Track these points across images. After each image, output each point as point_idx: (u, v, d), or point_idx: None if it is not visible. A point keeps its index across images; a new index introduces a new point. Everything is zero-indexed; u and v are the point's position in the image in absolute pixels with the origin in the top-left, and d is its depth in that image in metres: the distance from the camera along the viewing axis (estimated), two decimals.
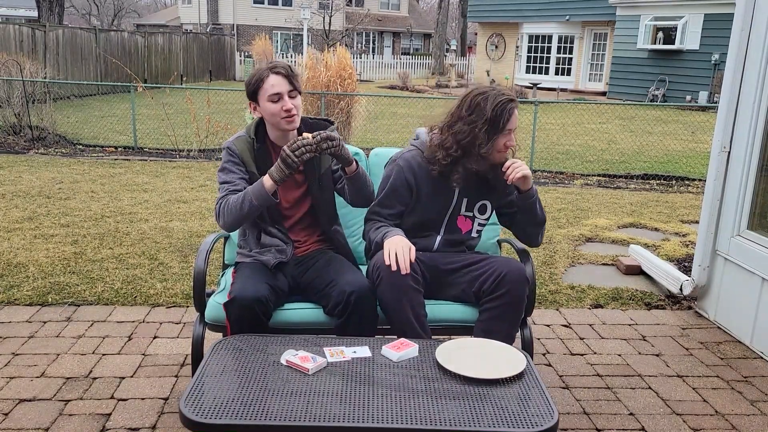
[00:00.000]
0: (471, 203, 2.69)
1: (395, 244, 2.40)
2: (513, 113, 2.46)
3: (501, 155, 2.51)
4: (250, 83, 2.54)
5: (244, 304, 2.33)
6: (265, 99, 2.50)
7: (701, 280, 3.93)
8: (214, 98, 10.78)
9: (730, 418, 2.80)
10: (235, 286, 2.43)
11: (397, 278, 2.37)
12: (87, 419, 2.61)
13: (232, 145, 2.61)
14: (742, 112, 3.65)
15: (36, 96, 10.22)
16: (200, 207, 6.09)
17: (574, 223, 5.96)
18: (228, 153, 2.61)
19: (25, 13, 37.28)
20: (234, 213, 2.48)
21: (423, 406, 1.80)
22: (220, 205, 2.53)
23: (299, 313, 2.55)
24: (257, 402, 1.80)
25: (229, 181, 2.57)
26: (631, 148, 10.96)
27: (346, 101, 9.73)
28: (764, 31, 3.49)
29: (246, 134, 2.64)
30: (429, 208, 2.65)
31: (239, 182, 2.56)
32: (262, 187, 2.44)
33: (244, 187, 2.54)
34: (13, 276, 4.12)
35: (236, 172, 2.58)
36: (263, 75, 2.50)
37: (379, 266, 2.42)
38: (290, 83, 2.50)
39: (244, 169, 2.60)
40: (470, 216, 2.72)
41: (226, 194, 2.54)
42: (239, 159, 2.60)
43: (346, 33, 32.43)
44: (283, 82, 2.49)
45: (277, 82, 2.48)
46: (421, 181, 2.60)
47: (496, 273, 2.48)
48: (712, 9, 18.64)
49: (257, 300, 2.34)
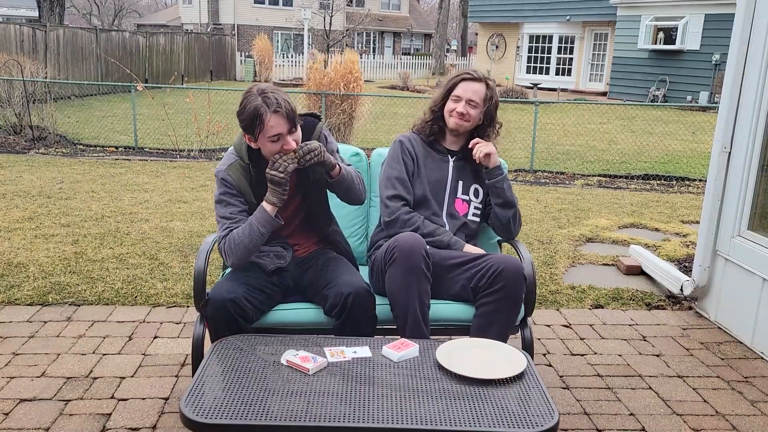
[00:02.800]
0: (466, 186, 2.87)
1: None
2: (460, 84, 2.79)
3: (453, 120, 2.80)
4: (247, 119, 2.36)
5: (216, 305, 2.34)
6: (265, 139, 2.37)
7: (702, 280, 3.93)
8: (214, 98, 10.78)
9: (730, 418, 2.80)
10: (214, 288, 2.43)
11: (412, 260, 2.43)
12: (87, 419, 2.61)
13: (227, 176, 2.49)
14: (743, 113, 3.65)
15: (37, 96, 10.22)
16: (201, 207, 6.09)
17: (575, 223, 5.95)
18: (223, 184, 2.50)
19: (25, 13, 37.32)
20: (242, 248, 2.43)
21: (423, 406, 1.80)
22: (226, 243, 2.44)
23: (299, 314, 2.55)
24: (258, 402, 1.80)
25: (228, 217, 2.48)
26: (631, 148, 10.96)
27: (349, 103, 9.72)
28: (765, 31, 3.48)
29: (238, 158, 2.52)
30: (430, 179, 2.85)
31: (239, 216, 2.48)
32: (265, 213, 2.41)
33: (244, 220, 2.47)
34: (14, 276, 4.12)
35: (235, 205, 2.49)
36: (262, 114, 2.32)
37: (394, 246, 2.47)
38: (290, 121, 2.36)
39: (243, 200, 2.51)
40: (467, 200, 2.87)
41: (228, 232, 2.45)
42: (237, 190, 2.50)
43: (347, 33, 32.43)
44: (283, 122, 2.34)
45: (277, 123, 2.34)
46: (418, 152, 2.87)
47: (493, 268, 2.50)
48: (713, 9, 18.63)
49: (230, 301, 2.33)
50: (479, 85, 2.79)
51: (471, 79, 2.80)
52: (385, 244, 2.61)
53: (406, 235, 2.51)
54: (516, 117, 14.87)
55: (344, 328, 2.41)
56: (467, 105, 2.77)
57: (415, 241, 2.47)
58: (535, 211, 6.37)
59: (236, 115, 2.42)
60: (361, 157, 3.12)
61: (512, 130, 12.26)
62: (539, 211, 6.41)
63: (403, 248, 2.45)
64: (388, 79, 29.17)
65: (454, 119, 2.80)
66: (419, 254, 2.45)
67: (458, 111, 2.78)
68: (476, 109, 2.79)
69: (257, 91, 2.38)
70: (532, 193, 7.36)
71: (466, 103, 2.77)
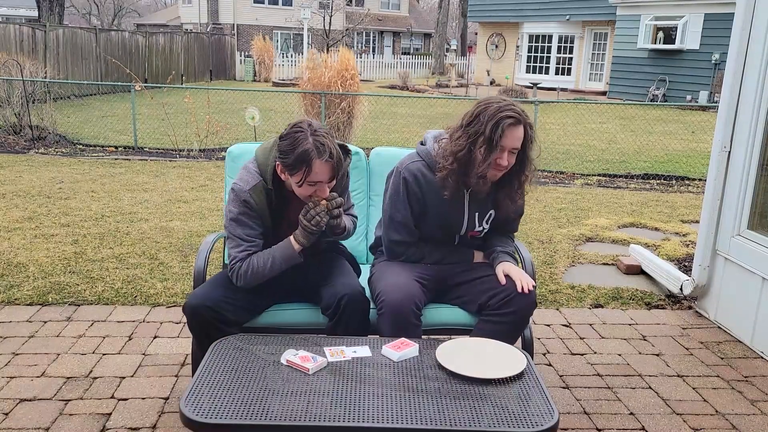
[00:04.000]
0: (481, 217, 2.62)
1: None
2: (506, 133, 2.33)
3: (493, 173, 2.42)
4: (295, 161, 2.23)
5: (192, 312, 2.34)
6: (303, 180, 2.27)
7: (701, 279, 3.93)
8: (214, 98, 10.78)
9: (730, 417, 2.80)
10: (190, 293, 2.42)
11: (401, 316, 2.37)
12: (87, 419, 2.61)
13: (249, 198, 2.37)
14: (743, 112, 3.65)
15: (36, 96, 10.22)
16: (200, 207, 6.09)
17: (575, 222, 5.95)
18: (244, 205, 2.38)
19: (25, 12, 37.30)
20: (259, 277, 2.40)
21: (423, 406, 1.80)
22: (242, 269, 2.38)
23: (296, 314, 2.56)
24: (257, 402, 1.80)
25: (247, 240, 2.40)
26: (631, 147, 10.96)
27: (347, 101, 9.72)
28: (764, 30, 3.48)
29: (262, 180, 2.39)
30: (441, 216, 2.56)
31: (258, 239, 2.43)
32: (292, 251, 2.39)
33: (261, 245, 2.43)
34: (14, 276, 4.12)
35: (254, 228, 2.42)
36: (312, 160, 2.22)
37: (383, 300, 2.40)
38: (333, 171, 2.28)
39: (261, 222, 2.43)
40: (481, 230, 2.67)
41: (246, 255, 2.39)
42: (257, 213, 2.41)
43: (347, 33, 32.41)
44: (328, 172, 2.26)
45: (323, 171, 2.25)
46: (425, 191, 2.52)
47: (506, 292, 2.46)
48: (713, 9, 18.63)
49: (205, 307, 2.33)
50: (521, 129, 2.37)
51: (514, 123, 2.34)
52: (373, 289, 2.51)
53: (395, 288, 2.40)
54: None
55: (336, 329, 2.41)
56: (510, 155, 2.38)
57: (404, 297, 2.38)
58: (535, 211, 6.37)
59: (280, 144, 2.28)
60: (361, 157, 3.12)
61: None
62: (539, 210, 6.41)
63: (392, 304, 2.37)
64: (387, 78, 29.17)
65: (494, 171, 2.41)
66: (408, 310, 2.38)
67: (502, 165, 2.38)
68: (514, 155, 2.41)
69: (309, 129, 2.25)
70: (531, 192, 7.31)
71: (509, 153, 2.38)
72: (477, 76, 29.00)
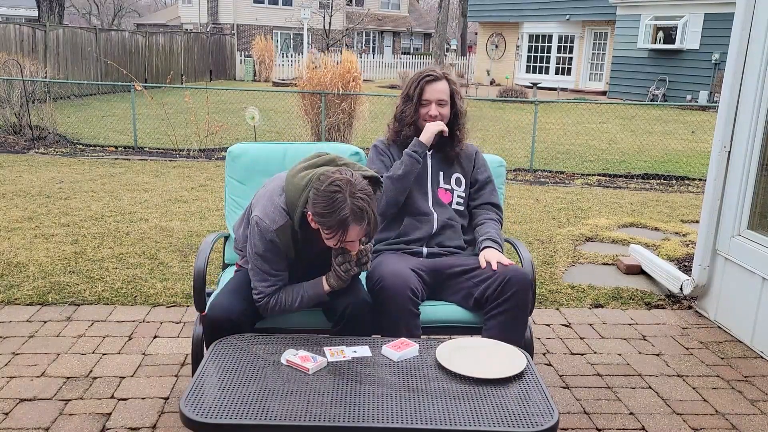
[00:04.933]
0: (447, 176, 2.89)
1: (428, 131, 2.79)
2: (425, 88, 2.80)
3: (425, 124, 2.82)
4: (332, 224, 2.14)
5: (214, 324, 2.34)
6: (336, 238, 2.19)
7: (701, 279, 3.93)
8: (214, 98, 10.78)
9: (730, 417, 2.80)
10: (215, 299, 2.42)
11: (398, 301, 2.41)
12: (87, 419, 2.61)
13: (275, 238, 2.30)
14: (743, 112, 3.64)
15: (36, 96, 10.22)
16: (200, 207, 6.09)
17: (575, 222, 5.95)
18: (271, 244, 2.31)
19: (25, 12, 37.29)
20: (286, 312, 2.41)
21: (423, 406, 1.80)
22: (269, 302, 2.37)
23: (303, 317, 2.54)
24: (257, 401, 1.80)
25: (274, 275, 2.36)
26: (631, 147, 10.96)
27: (348, 102, 9.71)
28: (764, 30, 3.48)
29: (288, 221, 2.31)
30: None
31: (283, 274, 2.40)
32: (321, 292, 2.38)
33: (287, 277, 2.41)
34: (14, 275, 4.12)
35: (279, 263, 2.37)
36: (349, 226, 2.14)
37: (380, 286, 2.45)
38: (367, 234, 2.23)
39: (284, 257, 2.37)
40: (449, 188, 2.89)
41: (274, 291, 2.37)
42: (283, 250, 2.35)
43: (347, 32, 32.41)
44: (362, 233, 2.20)
45: (357, 233, 2.19)
46: (394, 152, 2.92)
47: (501, 278, 2.48)
48: (713, 8, 18.63)
49: (227, 320, 2.32)
50: (443, 83, 2.82)
51: (433, 79, 2.81)
52: (370, 277, 2.55)
53: (391, 274, 2.46)
54: (516, 116, 14.88)
55: (340, 333, 2.41)
56: (437, 106, 2.81)
57: (402, 282, 2.44)
58: (535, 211, 6.37)
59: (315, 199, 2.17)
60: (360, 157, 3.12)
61: (512, 129, 12.26)
62: (539, 210, 6.41)
63: (389, 291, 2.42)
64: (387, 78, 29.16)
65: (429, 122, 2.82)
66: (405, 296, 2.42)
67: (431, 114, 2.81)
68: (446, 107, 2.83)
69: (348, 190, 2.14)
70: (531, 192, 7.36)
71: (436, 105, 2.81)
72: (477, 75, 29.00)
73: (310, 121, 9.89)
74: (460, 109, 2.89)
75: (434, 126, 2.80)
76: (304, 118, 10.06)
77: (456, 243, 2.82)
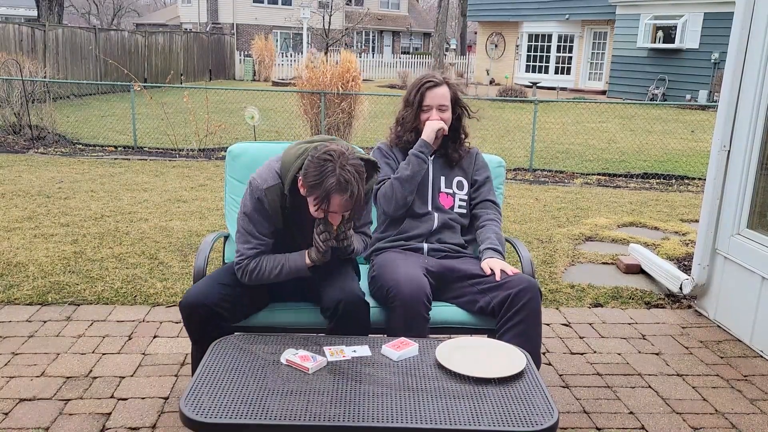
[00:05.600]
0: (448, 180, 2.91)
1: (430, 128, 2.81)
2: (426, 94, 2.82)
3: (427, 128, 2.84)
4: (318, 192, 2.20)
5: (188, 311, 2.34)
6: (321, 206, 2.24)
7: (701, 278, 3.93)
8: (213, 97, 10.78)
9: (729, 416, 2.80)
10: (187, 291, 2.41)
11: (414, 309, 2.41)
12: (87, 419, 2.61)
13: (263, 197, 2.38)
14: (742, 111, 3.65)
15: (35, 95, 10.21)
16: (200, 206, 6.09)
17: (574, 222, 5.96)
18: (258, 202, 2.39)
19: (24, 12, 37.27)
20: (263, 280, 2.43)
21: (423, 405, 1.80)
22: (249, 265, 2.40)
23: (297, 314, 2.56)
24: (257, 401, 1.80)
25: (258, 237, 2.41)
26: (630, 147, 10.96)
27: (348, 102, 9.71)
28: (764, 29, 3.48)
29: (279, 184, 2.39)
30: None
31: (268, 239, 2.44)
32: (302, 265, 2.41)
33: (271, 245, 2.45)
34: (13, 275, 4.12)
35: (265, 226, 2.42)
36: (331, 194, 2.18)
37: (395, 293, 2.44)
38: (349, 206, 2.26)
39: (271, 222, 2.43)
40: (450, 192, 2.90)
41: (255, 254, 2.41)
42: (270, 212, 2.41)
43: (346, 32, 32.39)
44: (344, 206, 2.24)
45: (339, 205, 2.22)
46: (397, 154, 2.94)
47: (509, 290, 2.47)
48: (712, 8, 18.64)
49: (202, 305, 2.32)
50: (443, 89, 2.85)
51: (434, 85, 2.84)
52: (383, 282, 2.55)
53: (407, 280, 2.46)
54: (515, 116, 14.88)
55: (336, 331, 2.41)
56: (439, 111, 2.83)
57: (417, 288, 2.45)
58: (535, 210, 6.37)
59: (307, 163, 2.24)
60: None
61: (511, 129, 12.26)
62: (538, 209, 6.42)
63: (405, 298, 2.42)
64: (387, 78, 29.16)
65: (431, 124, 2.83)
66: (420, 303, 2.43)
67: (432, 119, 2.83)
68: (447, 111, 2.85)
69: (339, 161, 2.19)
70: (531, 191, 7.36)
71: (437, 110, 2.83)
72: (476, 75, 28.99)
73: (310, 121, 9.89)
74: (461, 113, 2.91)
75: (435, 124, 2.81)
76: (303, 118, 10.06)
77: (456, 241, 2.84)
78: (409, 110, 2.87)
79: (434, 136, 2.82)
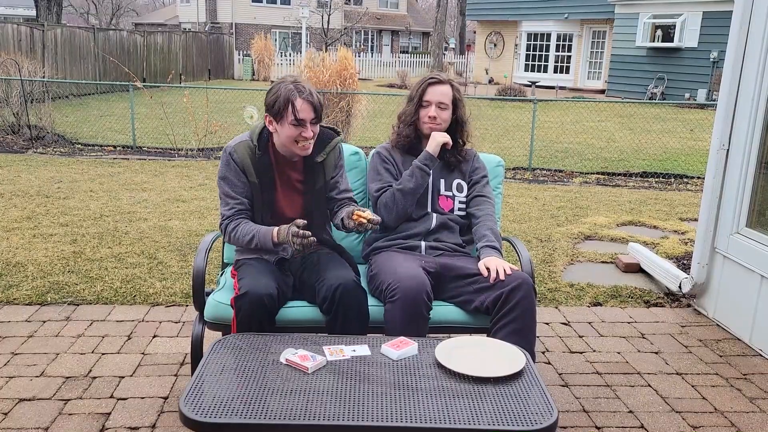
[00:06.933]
0: (448, 183, 2.93)
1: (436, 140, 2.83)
2: (428, 89, 2.85)
3: (426, 126, 2.87)
4: (275, 102, 2.48)
5: (254, 299, 2.34)
6: (288, 121, 2.48)
7: (700, 277, 3.93)
8: (212, 97, 10.77)
9: (729, 415, 2.80)
10: (245, 281, 2.42)
11: (415, 307, 2.42)
12: (87, 418, 2.61)
13: (233, 151, 2.58)
14: (741, 110, 3.65)
15: (34, 95, 10.20)
16: (199, 206, 6.09)
17: (573, 221, 5.96)
18: (229, 159, 2.58)
19: (23, 12, 37.21)
20: (240, 243, 2.60)
21: (422, 405, 1.81)
22: (230, 228, 2.58)
23: (297, 312, 2.55)
24: (257, 401, 1.80)
25: (234, 197, 2.59)
26: (629, 146, 10.97)
27: (346, 101, 9.71)
28: (763, 29, 3.49)
29: (249, 139, 2.61)
30: None
31: (243, 199, 2.59)
32: (269, 241, 2.52)
33: (248, 204, 2.60)
34: (12, 275, 4.12)
35: (238, 185, 2.59)
36: (292, 98, 2.46)
37: (396, 287, 2.45)
38: (315, 112, 2.50)
39: (245, 179, 2.59)
40: (450, 195, 2.92)
41: (233, 213, 2.58)
42: (240, 167, 2.57)
43: (345, 31, 32.38)
44: (311, 111, 2.48)
45: (305, 109, 2.47)
46: (396, 159, 2.95)
47: (502, 288, 2.48)
48: (711, 7, 18.64)
49: (269, 296, 2.36)
50: (445, 87, 2.87)
51: (437, 82, 2.87)
52: (384, 278, 2.56)
53: (408, 276, 2.48)
54: (514, 115, 14.87)
55: (335, 323, 2.41)
56: (437, 108, 2.85)
57: (418, 285, 2.46)
58: (534, 209, 6.38)
59: (265, 98, 2.52)
60: (360, 156, 3.12)
61: (510, 128, 12.26)
62: (537, 209, 6.42)
63: (406, 293, 2.43)
64: (386, 77, 29.15)
65: (428, 124, 2.87)
66: (421, 299, 2.44)
67: (429, 116, 2.85)
68: (446, 111, 2.86)
69: (289, 79, 2.53)
70: (530, 191, 7.36)
71: (436, 107, 2.84)
72: (476, 74, 28.99)
73: None
74: (461, 117, 2.92)
75: (440, 137, 2.83)
76: None
77: (454, 240, 2.85)
78: (410, 105, 2.90)
79: (439, 150, 2.83)
